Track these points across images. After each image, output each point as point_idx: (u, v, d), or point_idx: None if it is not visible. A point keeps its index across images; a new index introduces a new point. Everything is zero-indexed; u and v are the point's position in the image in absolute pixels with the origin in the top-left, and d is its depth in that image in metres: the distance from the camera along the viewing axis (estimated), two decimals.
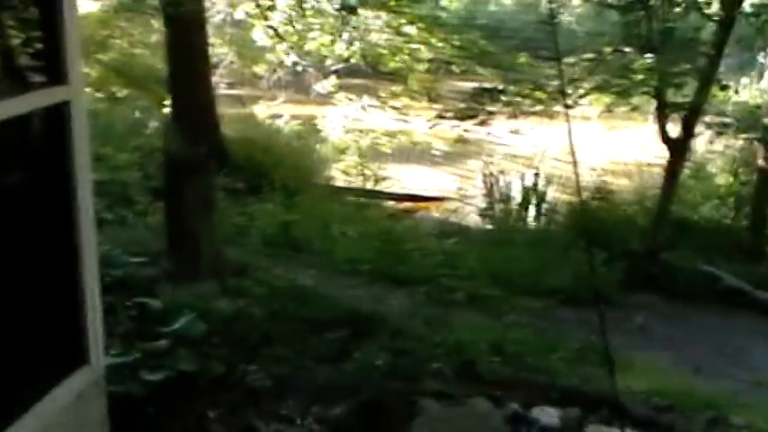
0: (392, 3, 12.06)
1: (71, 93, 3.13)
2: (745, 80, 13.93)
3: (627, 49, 9.63)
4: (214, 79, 12.91)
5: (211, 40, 12.98)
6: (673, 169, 9.57)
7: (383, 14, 12.71)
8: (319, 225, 8.84)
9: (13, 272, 2.99)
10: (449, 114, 10.48)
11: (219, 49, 14.97)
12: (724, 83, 9.45)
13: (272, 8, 12.91)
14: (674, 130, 9.50)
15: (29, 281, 3.10)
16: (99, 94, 13.24)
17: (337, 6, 12.22)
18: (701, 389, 5.79)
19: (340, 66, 14.56)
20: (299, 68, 15.09)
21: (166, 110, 11.30)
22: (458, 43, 12.42)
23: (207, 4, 12.42)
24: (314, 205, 9.56)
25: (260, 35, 13.94)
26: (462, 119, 10.32)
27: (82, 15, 13.35)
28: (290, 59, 14.75)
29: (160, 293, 5.41)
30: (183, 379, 4.49)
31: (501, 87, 10.27)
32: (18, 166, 3.18)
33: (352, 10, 11.19)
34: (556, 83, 9.03)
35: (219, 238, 6.63)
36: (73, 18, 3.11)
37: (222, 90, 14.74)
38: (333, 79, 14.46)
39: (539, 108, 9.93)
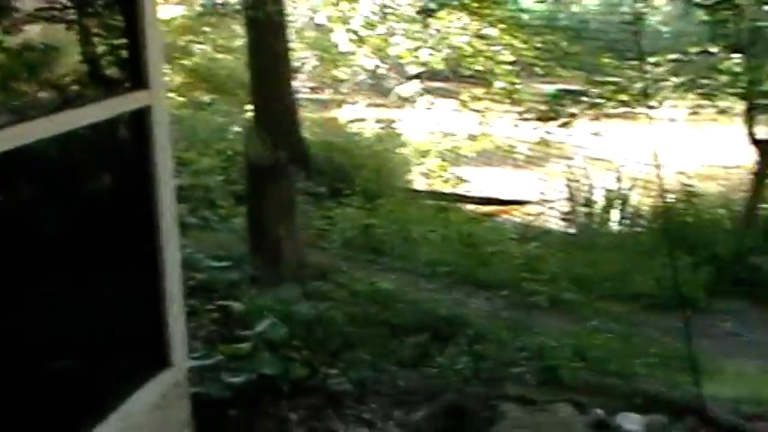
0: (473, 5, 12.02)
1: (152, 97, 3.17)
2: None
3: (714, 50, 9.41)
4: (295, 83, 13.07)
5: (293, 44, 13.14)
6: (761, 172, 9.34)
7: (464, 17, 12.68)
8: (400, 228, 8.85)
9: (97, 275, 3.06)
10: (530, 117, 10.41)
11: (301, 53, 15.15)
12: None
13: (352, 12, 13.00)
14: (762, 131, 9.27)
15: (113, 284, 3.17)
16: (182, 99, 13.51)
17: (417, 10, 12.23)
18: None
19: (421, 69, 14.60)
20: (381, 72, 15.20)
21: (249, 114, 11.47)
22: (539, 45, 12.33)
23: (288, 9, 12.58)
24: (395, 209, 9.57)
25: (341, 39, 14.07)
26: (544, 121, 10.24)
27: (164, 21, 13.68)
28: (371, 63, 14.87)
29: (242, 297, 5.49)
30: (264, 382, 4.54)
31: (583, 89, 10.17)
32: (102, 170, 3.26)
33: (431, 13, 11.17)
34: (640, 84, 8.89)
35: (302, 242, 6.70)
36: (154, 24, 3.16)
37: (304, 94, 14.92)
38: (414, 83, 14.50)
39: (622, 110, 9.80)
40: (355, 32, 13.47)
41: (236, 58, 14.51)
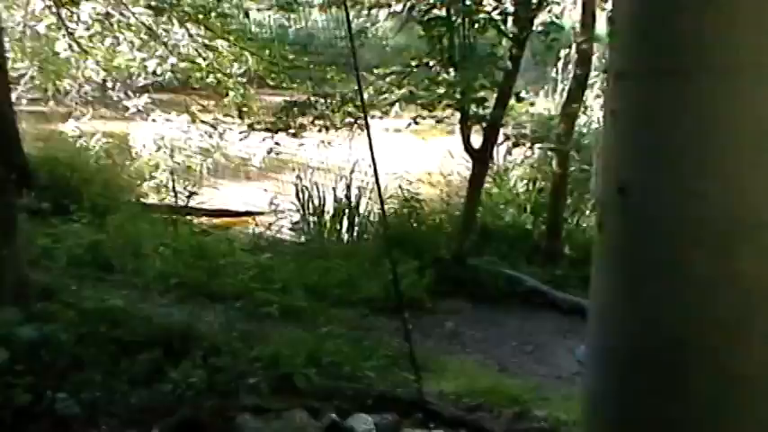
0: (200, 17, 11.97)
1: None
2: (541, 93, 14.75)
3: (431, 63, 9.94)
4: (14, 95, 12.38)
5: (10, 54, 12.45)
6: (476, 178, 9.98)
7: (192, 28, 12.59)
8: (130, 244, 8.64)
9: None
10: (259, 127, 10.51)
11: (20, 64, 14.36)
12: (521, 95, 9.94)
13: (71, 20, 12.50)
14: (477, 140, 9.90)
15: None
16: None
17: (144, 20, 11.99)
18: (506, 387, 6.10)
19: (149, 81, 14.31)
20: (108, 84, 14.72)
21: None
22: (268, 58, 12.50)
23: (4, 15, 11.91)
24: (124, 224, 9.32)
25: (64, 48, 13.49)
26: (273, 132, 10.37)
27: None
28: (97, 75, 14.36)
29: None
30: None
31: (311, 101, 10.41)
32: None
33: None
34: (364, 96, 9.23)
35: (24, 262, 6.39)
36: None
37: (24, 106, 14.16)
38: (143, 95, 14.18)
39: (348, 120, 10.13)
40: (78, 42, 12.97)
41: None
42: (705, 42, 1.86)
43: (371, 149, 4.66)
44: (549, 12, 9.82)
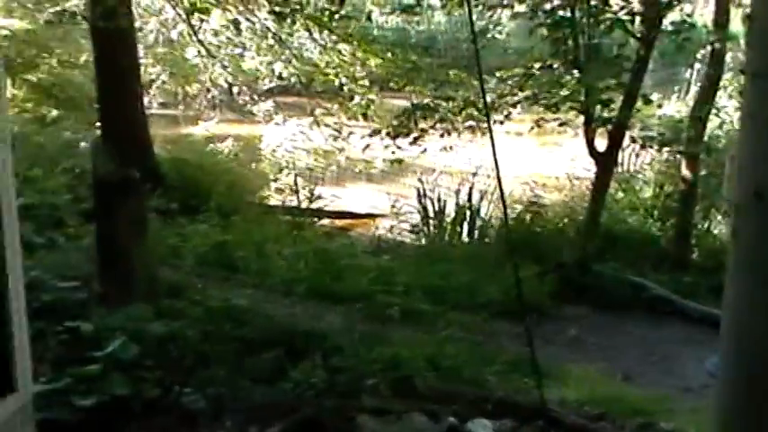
0: (324, 20, 12.12)
1: None
2: (673, 96, 14.35)
3: (555, 65, 9.79)
4: (147, 99, 12.84)
5: (143, 60, 12.91)
6: (601, 182, 9.77)
7: (316, 33, 12.77)
8: (255, 244, 8.81)
9: None
10: (383, 132, 10.55)
11: (152, 69, 14.90)
12: (648, 97, 9.66)
13: (203, 27, 12.87)
14: (602, 143, 9.69)
15: None
16: (27, 115, 13.04)
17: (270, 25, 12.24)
18: (631, 396, 5.92)
19: (273, 84, 14.60)
20: (235, 88, 15.11)
21: (98, 130, 11.18)
22: (391, 61, 12.55)
23: (138, 24, 12.35)
24: (249, 225, 9.52)
25: (194, 54, 13.93)
26: (396, 136, 10.39)
27: (8, 34, 13.18)
28: (224, 79, 14.76)
29: (92, 317, 5.35)
30: (116, 403, 4.45)
31: (433, 104, 10.39)
32: None
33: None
34: (488, 99, 9.16)
35: (154, 260, 6.58)
36: None
37: (155, 110, 14.68)
38: (268, 99, 14.49)
39: (470, 124, 10.06)
40: (207, 48, 13.35)
41: (84, 74, 14.12)
42: None
43: (494, 153, 4.58)
44: (681, 10, 9.52)
